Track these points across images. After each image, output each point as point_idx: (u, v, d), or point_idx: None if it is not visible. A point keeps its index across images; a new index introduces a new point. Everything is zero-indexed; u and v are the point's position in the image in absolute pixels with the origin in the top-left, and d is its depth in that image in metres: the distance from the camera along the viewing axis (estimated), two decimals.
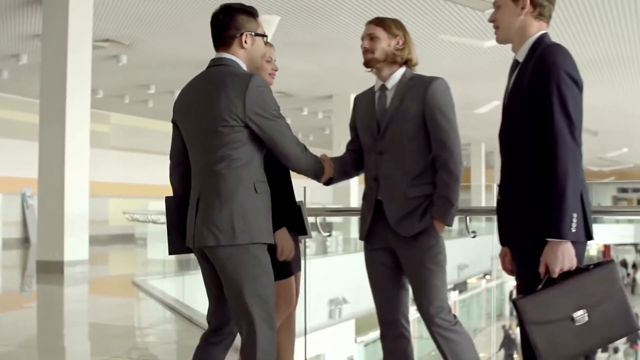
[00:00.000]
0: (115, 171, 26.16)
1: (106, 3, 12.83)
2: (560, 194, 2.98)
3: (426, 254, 3.81)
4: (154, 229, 13.13)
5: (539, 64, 3.12)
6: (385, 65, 3.92)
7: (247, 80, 3.49)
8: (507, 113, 3.32)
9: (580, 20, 13.46)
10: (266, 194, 3.58)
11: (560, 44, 3.18)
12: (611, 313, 2.99)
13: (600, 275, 3.02)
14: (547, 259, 3.03)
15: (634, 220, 40.15)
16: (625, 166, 47.47)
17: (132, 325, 8.42)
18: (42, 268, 12.36)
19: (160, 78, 19.77)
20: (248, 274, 3.45)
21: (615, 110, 24.35)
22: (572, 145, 3.02)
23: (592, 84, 19.62)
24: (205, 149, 3.56)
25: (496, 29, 3.38)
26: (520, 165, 3.21)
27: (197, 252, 3.68)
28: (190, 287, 10.31)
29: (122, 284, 12.31)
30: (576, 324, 2.99)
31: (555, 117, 3.03)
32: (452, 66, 17.08)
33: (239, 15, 3.69)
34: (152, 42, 15.79)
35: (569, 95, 3.06)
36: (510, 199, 3.28)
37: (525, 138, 3.16)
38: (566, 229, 2.97)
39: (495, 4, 3.37)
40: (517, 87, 3.23)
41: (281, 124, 3.54)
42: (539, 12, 3.27)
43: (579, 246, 3.09)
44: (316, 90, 20.77)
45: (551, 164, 3.02)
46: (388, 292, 4.00)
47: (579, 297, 3.01)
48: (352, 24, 13.59)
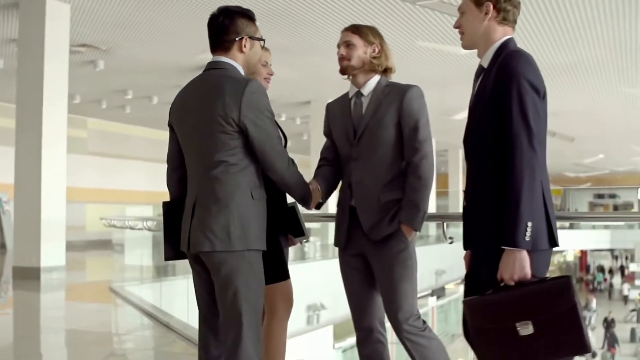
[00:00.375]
0: (92, 177, 26.01)
1: (83, 8, 12.78)
2: (514, 202, 2.99)
3: (395, 259, 3.84)
4: (131, 235, 13.07)
5: (501, 70, 3.14)
6: (361, 72, 3.95)
7: (244, 84, 3.49)
8: (471, 119, 3.35)
9: (557, 25, 13.52)
10: (262, 200, 3.59)
11: (523, 51, 3.20)
12: (559, 330, 2.95)
13: (553, 290, 3.00)
14: (501, 267, 3.04)
15: (610, 226, 40.40)
16: (601, 172, 47.80)
17: (109, 332, 8.37)
18: (18, 274, 12.26)
19: (137, 83, 19.70)
20: (241, 281, 3.45)
21: (591, 116, 24.49)
22: (529, 153, 3.02)
23: (568, 89, 19.73)
24: (201, 153, 3.55)
25: (461, 35, 3.41)
26: (482, 172, 3.23)
27: (191, 257, 3.66)
28: (167, 293, 10.29)
29: (100, 290, 12.23)
30: (520, 334, 2.98)
31: (514, 125, 3.04)
32: (430, 73, 17.12)
33: (240, 19, 3.67)
34: (129, 47, 15.73)
35: (529, 103, 3.06)
36: (474, 206, 3.30)
37: (487, 144, 3.18)
38: (520, 238, 2.98)
39: (459, 10, 3.40)
40: (481, 93, 3.26)
41: (271, 134, 3.54)
42: (503, 17, 3.29)
43: (541, 254, 3.12)
44: (294, 96, 20.77)
45: (507, 171, 3.03)
46: (363, 298, 4.01)
47: (525, 308, 2.99)
48: (330, 29, 13.60)
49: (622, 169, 45.68)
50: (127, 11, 12.97)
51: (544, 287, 3.01)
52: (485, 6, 3.27)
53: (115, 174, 27.15)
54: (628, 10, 12.52)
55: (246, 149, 3.51)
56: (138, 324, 8.74)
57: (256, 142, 3.49)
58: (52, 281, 11.99)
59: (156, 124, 27.15)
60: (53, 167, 12.40)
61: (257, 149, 3.51)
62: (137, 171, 28.13)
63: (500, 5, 3.27)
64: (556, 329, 2.95)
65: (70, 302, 10.82)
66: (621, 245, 49.25)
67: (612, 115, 24.37)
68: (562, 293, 2.97)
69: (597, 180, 53.18)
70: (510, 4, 3.29)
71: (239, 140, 3.48)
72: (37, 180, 12.21)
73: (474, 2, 3.31)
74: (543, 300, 2.98)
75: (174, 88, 21.22)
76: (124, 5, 12.60)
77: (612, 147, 34.08)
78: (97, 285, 13.45)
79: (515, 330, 2.98)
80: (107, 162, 26.95)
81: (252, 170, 3.55)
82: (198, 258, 3.59)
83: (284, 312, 4.26)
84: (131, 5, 12.61)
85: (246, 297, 3.46)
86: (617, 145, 32.92)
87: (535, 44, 14.80)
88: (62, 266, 12.51)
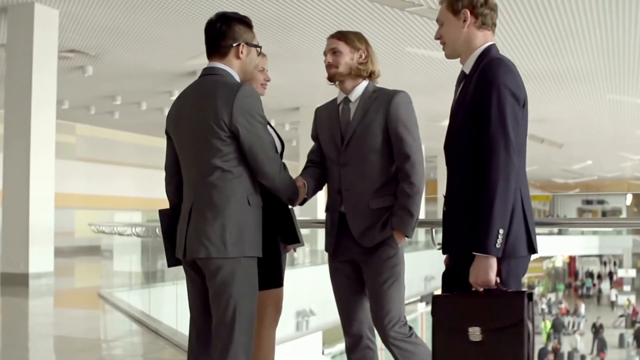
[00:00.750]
0: (81, 182, 25.96)
1: (72, 14, 12.76)
2: (487, 209, 3.00)
3: (384, 265, 3.84)
4: (120, 241, 13.06)
5: (481, 77, 3.15)
6: (348, 78, 3.96)
7: (236, 89, 3.48)
8: (452, 125, 3.35)
9: (546, 33, 13.58)
10: (259, 207, 3.60)
11: (505, 58, 3.21)
12: (502, 342, 2.97)
13: (506, 302, 3.00)
14: (470, 272, 3.06)
15: (599, 232, 40.51)
16: (589, 178, 48.00)
17: (98, 338, 8.35)
18: (6, 280, 12.22)
19: (126, 89, 19.67)
20: (236, 287, 3.45)
21: (579, 122, 24.59)
22: (505, 160, 3.02)
23: (557, 96, 19.82)
24: (197, 160, 3.55)
25: (443, 45, 3.42)
26: (461, 177, 3.24)
27: (186, 264, 3.66)
28: (156, 299, 10.26)
29: (88, 297, 12.20)
30: (470, 339, 3.01)
31: (492, 131, 3.05)
32: (419, 79, 17.15)
33: (237, 25, 3.67)
34: (118, 53, 15.72)
35: (508, 110, 3.07)
36: (452, 211, 3.31)
37: (467, 151, 3.19)
38: (490, 245, 2.98)
39: (438, 22, 3.41)
40: (462, 99, 3.27)
41: (263, 139, 3.53)
42: (482, 22, 3.30)
43: (519, 260, 3.15)
44: (283, 102, 20.77)
45: (482, 178, 3.04)
46: (352, 304, 4.01)
47: (479, 315, 3.02)
48: (319, 36, 13.60)
49: (610, 175, 45.87)
50: (116, 17, 12.96)
51: (499, 298, 3.02)
52: (463, 13, 3.28)
53: (104, 180, 27.11)
54: (616, 18, 12.59)
55: (240, 154, 3.50)
56: (127, 330, 8.72)
57: (247, 147, 3.48)
58: (40, 287, 11.95)
59: (145, 130, 27.15)
60: (41, 173, 12.38)
61: (248, 153, 3.50)
62: (126, 177, 28.11)
63: (477, 11, 3.28)
64: (500, 341, 2.97)
65: (58, 309, 10.78)
66: (610, 251, 49.49)
67: (600, 121, 24.47)
68: (512, 307, 2.98)
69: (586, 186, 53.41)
70: (487, 8, 3.30)
71: (232, 145, 3.48)
72: (26, 185, 12.19)
73: (451, 11, 3.32)
74: (497, 311, 3.00)
75: (163, 94, 21.25)
76: (113, 11, 12.59)
77: (601, 154, 34.22)
78: (86, 292, 13.42)
79: (467, 333, 3.01)
80: (95, 168, 26.89)
81: (248, 176, 3.54)
82: (194, 264, 3.59)
83: (272, 319, 4.25)
84: (120, 11, 12.60)
85: (240, 303, 3.46)
86: (606, 151, 33.05)
87: (524, 51, 14.86)
88: (50, 272, 12.49)
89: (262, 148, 3.52)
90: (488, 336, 2.98)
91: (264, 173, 3.56)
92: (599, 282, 50.38)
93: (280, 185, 3.64)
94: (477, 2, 3.28)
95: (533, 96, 19.51)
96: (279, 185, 3.63)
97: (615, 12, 12.31)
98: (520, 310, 2.95)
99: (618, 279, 47.66)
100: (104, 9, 12.51)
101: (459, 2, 3.29)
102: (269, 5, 12.02)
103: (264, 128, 3.58)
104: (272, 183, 3.60)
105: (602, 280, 50.76)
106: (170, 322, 8.26)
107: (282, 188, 3.66)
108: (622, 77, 17.50)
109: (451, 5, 3.32)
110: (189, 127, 3.57)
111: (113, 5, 12.30)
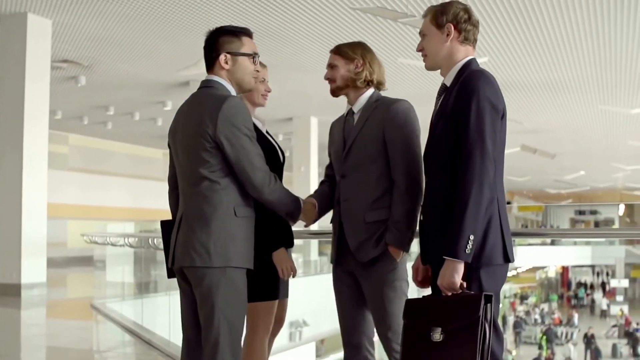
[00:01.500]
0: (73, 193, 25.92)
1: (65, 24, 12.77)
2: (459, 215, 3.04)
3: (383, 281, 3.79)
4: (112, 252, 13.02)
5: (461, 89, 3.20)
6: (350, 90, 3.94)
7: (222, 100, 3.48)
8: (431, 135, 3.39)
9: (539, 45, 13.64)
10: (248, 219, 3.59)
11: (485, 71, 3.25)
12: (461, 344, 3.01)
13: (463, 304, 3.06)
14: (439, 275, 3.11)
15: (592, 243, 40.59)
16: (582, 189, 48.05)
17: (90, 349, 8.33)
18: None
19: (119, 99, 19.66)
20: (220, 296, 3.44)
21: (572, 133, 24.67)
22: (481, 169, 3.06)
23: (549, 107, 19.88)
24: (186, 170, 3.57)
25: (424, 57, 3.46)
26: (439, 187, 3.28)
27: (177, 273, 3.66)
28: (149, 310, 10.23)
29: (81, 307, 12.17)
30: (432, 339, 3.05)
31: (469, 140, 3.09)
32: (412, 90, 17.15)
33: (221, 37, 3.66)
34: (111, 63, 15.72)
35: (487, 121, 3.11)
36: (429, 220, 3.35)
37: (446, 161, 3.22)
38: (459, 250, 3.03)
39: (421, 33, 3.46)
40: (442, 110, 3.31)
41: (248, 150, 3.51)
42: (464, 37, 3.36)
43: (496, 268, 3.19)
44: (276, 112, 20.78)
45: (457, 185, 3.09)
46: (354, 315, 3.97)
47: (440, 316, 3.07)
48: (311, 47, 13.64)
49: (602, 185, 45.95)
50: (109, 27, 12.97)
51: (458, 298, 3.08)
52: (447, 27, 3.34)
53: (97, 190, 27.06)
54: (608, 30, 12.65)
55: (227, 165, 3.50)
56: (119, 341, 8.70)
57: (233, 159, 3.48)
58: (32, 298, 11.92)
59: (138, 140, 27.13)
60: (34, 183, 12.36)
61: (235, 165, 3.50)
62: (119, 187, 28.06)
63: (461, 26, 3.34)
64: (458, 341, 3.01)
65: (51, 319, 10.76)
66: (602, 262, 49.54)
67: (593, 132, 24.54)
68: (469, 308, 3.03)
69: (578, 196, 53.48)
70: (470, 24, 3.36)
71: (218, 157, 3.48)
72: (18, 196, 12.17)
73: (435, 25, 3.38)
74: (452, 311, 3.06)
75: (156, 104, 21.27)
76: (106, 21, 12.60)
77: (593, 164, 34.29)
78: (79, 302, 13.38)
79: (429, 334, 3.06)
80: (88, 178, 26.86)
81: (236, 187, 3.53)
82: (183, 273, 3.59)
83: (265, 330, 4.23)
84: (112, 21, 12.61)
85: (224, 313, 3.44)
86: (598, 161, 33.11)
87: (518, 63, 14.92)
88: (43, 283, 12.46)
89: (247, 159, 3.51)
90: (447, 337, 3.03)
91: (251, 185, 3.54)
92: (592, 292, 50.42)
93: (270, 198, 3.60)
94: (461, 17, 3.34)
95: (526, 107, 19.58)
96: (269, 197, 3.59)
97: (608, 24, 12.37)
98: (476, 311, 3.00)
99: (611, 289, 47.69)
100: (97, 19, 12.52)
101: (444, 16, 3.35)
102: (263, 16, 12.04)
103: (250, 140, 3.54)
104: (261, 195, 3.57)
105: (595, 290, 50.79)
106: (163, 333, 8.24)
107: (274, 201, 3.63)
108: (614, 88, 17.56)
109: (435, 19, 3.38)
110: (181, 138, 3.60)
111: (106, 16, 12.31)
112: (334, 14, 12.06)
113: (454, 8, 3.36)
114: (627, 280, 46.63)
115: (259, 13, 11.91)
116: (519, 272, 45.16)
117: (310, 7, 11.78)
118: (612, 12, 11.77)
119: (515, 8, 11.60)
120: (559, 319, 39.86)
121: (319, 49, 13.67)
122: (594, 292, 50.11)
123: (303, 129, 22.50)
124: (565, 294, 52.14)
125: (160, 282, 11.04)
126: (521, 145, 23.93)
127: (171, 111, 18.38)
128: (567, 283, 53.72)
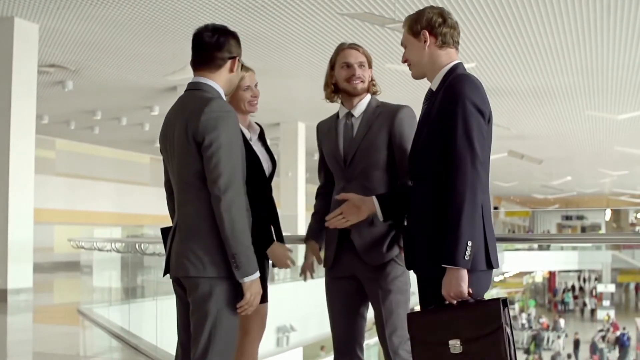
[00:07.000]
0: (60, 198, 25.83)
1: (52, 28, 12.74)
2: (455, 222, 3.03)
3: (393, 284, 3.79)
4: (99, 257, 12.99)
5: (446, 93, 3.21)
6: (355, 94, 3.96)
7: (205, 103, 3.37)
8: (417, 140, 3.39)
9: (527, 52, 13.70)
10: None
11: (471, 75, 3.26)
12: (484, 352, 3.00)
13: (481, 312, 3.05)
14: (443, 285, 3.09)
15: (578, 247, 40.75)
16: (569, 194, 48.29)
17: (77, 355, 8.30)
18: None
19: (106, 104, 19.63)
20: (212, 307, 3.38)
21: (559, 139, 24.76)
22: (472, 174, 3.06)
23: (537, 112, 19.96)
24: (176, 176, 3.51)
25: (409, 67, 3.50)
26: (424, 192, 3.28)
27: (173, 280, 3.62)
28: (136, 315, 10.21)
29: (67, 313, 12.13)
30: (451, 351, 3.04)
31: (458, 145, 3.09)
32: (400, 95, 17.16)
33: (232, 39, 3.64)
34: (98, 68, 15.69)
35: (474, 125, 3.11)
36: (416, 227, 3.34)
37: (432, 165, 3.23)
38: (459, 257, 3.02)
39: (402, 45, 3.51)
40: (427, 115, 3.32)
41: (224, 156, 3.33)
42: (442, 41, 3.37)
43: (481, 274, 3.17)
44: (263, 117, 20.74)
45: (449, 191, 3.08)
46: (348, 321, 3.95)
47: (457, 326, 3.05)
48: (299, 52, 13.65)
49: (589, 190, 46.16)
50: (96, 32, 12.94)
51: (476, 307, 3.07)
52: (422, 35, 3.37)
53: (84, 195, 26.96)
54: (594, 37, 12.74)
55: None
56: (106, 346, 8.68)
57: (209, 166, 3.33)
58: (19, 303, 11.88)
59: (125, 145, 27.06)
60: (21, 188, 12.31)
61: (206, 163, 3.34)
62: (106, 192, 27.97)
63: (435, 31, 3.36)
64: (481, 349, 3.00)
65: (37, 325, 10.71)
66: (589, 267, 49.70)
67: (579, 137, 24.65)
68: (489, 315, 3.03)
69: (565, 202, 53.72)
70: (446, 27, 3.37)
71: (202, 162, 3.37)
72: (5, 201, 12.12)
73: (411, 34, 3.42)
74: (473, 321, 3.04)
75: (143, 109, 21.24)
76: (93, 26, 12.58)
77: (580, 170, 34.45)
78: (65, 308, 13.34)
79: (448, 346, 3.04)
80: (75, 183, 26.76)
81: None
82: (179, 281, 3.55)
83: (257, 334, 4.23)
84: (100, 26, 12.58)
85: (216, 322, 3.38)
86: (585, 167, 33.27)
87: (505, 69, 14.98)
88: (29, 288, 12.40)
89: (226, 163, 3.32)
90: (469, 346, 3.01)
91: (216, 185, 3.31)
92: (581, 294, 50.62)
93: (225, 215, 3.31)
94: (435, 22, 3.36)
95: (513, 113, 19.65)
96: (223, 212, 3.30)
97: (594, 32, 12.46)
98: (498, 316, 3.01)
99: (598, 294, 47.88)
100: (84, 24, 12.49)
101: (417, 24, 3.39)
102: (250, 22, 12.04)
103: (230, 145, 3.37)
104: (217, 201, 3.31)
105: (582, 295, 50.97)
106: (150, 338, 8.22)
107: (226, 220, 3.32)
108: (600, 95, 17.65)
109: (411, 29, 3.43)
110: (172, 145, 3.50)
111: (93, 21, 12.28)
112: (322, 20, 12.08)
113: (426, 14, 3.38)
114: (613, 285, 46.84)
115: (247, 18, 11.92)
116: (506, 277, 45.30)
117: (297, 13, 11.80)
118: (598, 20, 11.84)
119: (503, 15, 11.65)
120: (546, 324, 39.97)
121: (307, 55, 13.69)
122: (584, 295, 50.31)
123: (290, 135, 22.48)
124: (552, 299, 52.28)
125: (147, 287, 11.03)
126: (508, 151, 24.00)
127: (158, 116, 18.37)
128: (553, 289, 53.86)
